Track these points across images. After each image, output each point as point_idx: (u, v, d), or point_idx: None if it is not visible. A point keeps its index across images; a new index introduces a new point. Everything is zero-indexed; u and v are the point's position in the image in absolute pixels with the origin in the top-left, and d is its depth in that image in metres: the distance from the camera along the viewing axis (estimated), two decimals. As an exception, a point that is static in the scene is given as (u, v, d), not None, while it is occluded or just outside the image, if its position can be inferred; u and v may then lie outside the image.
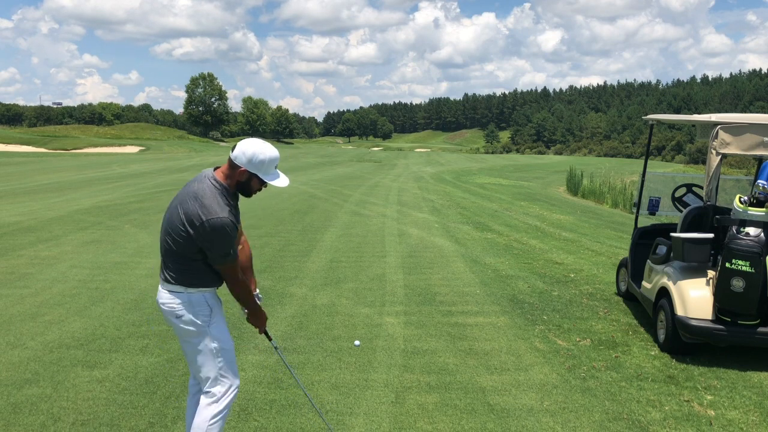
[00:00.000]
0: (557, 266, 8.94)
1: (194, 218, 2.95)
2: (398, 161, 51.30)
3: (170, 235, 3.04)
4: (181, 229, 2.99)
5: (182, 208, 3.00)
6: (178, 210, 3.01)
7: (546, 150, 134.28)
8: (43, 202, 15.91)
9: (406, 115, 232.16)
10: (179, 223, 2.99)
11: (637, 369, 5.06)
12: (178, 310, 3.10)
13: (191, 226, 2.96)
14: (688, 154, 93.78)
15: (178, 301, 3.10)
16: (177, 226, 3.00)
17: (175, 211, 3.03)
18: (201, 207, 2.95)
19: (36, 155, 53.14)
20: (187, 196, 3.03)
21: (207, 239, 2.96)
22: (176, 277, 3.08)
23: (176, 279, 3.09)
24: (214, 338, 3.16)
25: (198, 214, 2.94)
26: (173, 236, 3.03)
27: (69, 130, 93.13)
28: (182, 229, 2.98)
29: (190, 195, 3.02)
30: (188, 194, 3.03)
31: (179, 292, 3.10)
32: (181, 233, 2.99)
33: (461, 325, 6.11)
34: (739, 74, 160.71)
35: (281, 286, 7.39)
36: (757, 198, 5.05)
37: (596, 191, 24.41)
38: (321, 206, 15.89)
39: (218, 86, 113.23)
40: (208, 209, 2.94)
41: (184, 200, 3.02)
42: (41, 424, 3.92)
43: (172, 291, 3.11)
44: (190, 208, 2.97)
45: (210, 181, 3.04)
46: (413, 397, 4.43)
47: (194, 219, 2.95)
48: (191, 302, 3.12)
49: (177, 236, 3.01)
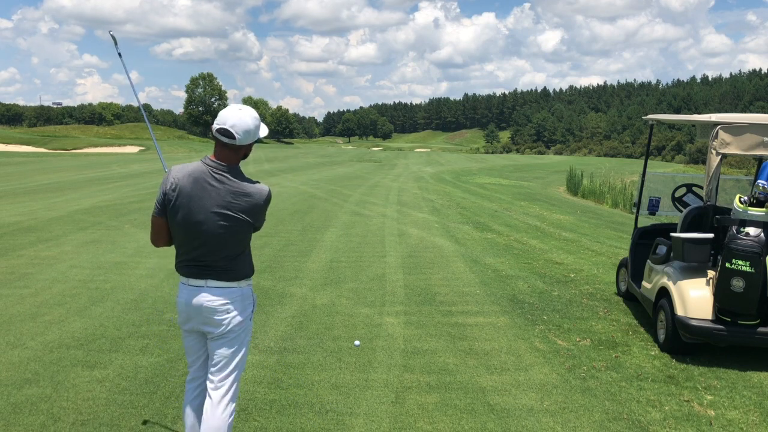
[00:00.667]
0: (557, 266, 8.94)
1: (257, 205, 3.07)
2: (398, 161, 51.29)
3: (222, 236, 3.04)
4: (243, 222, 3.05)
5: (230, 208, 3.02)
6: (223, 211, 3.01)
7: (546, 150, 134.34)
8: (43, 202, 15.91)
9: (406, 115, 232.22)
10: (234, 221, 3.03)
11: (637, 369, 5.06)
12: (228, 306, 3.10)
13: (253, 214, 3.07)
14: (688, 154, 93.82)
15: (229, 298, 3.11)
16: (231, 225, 3.03)
17: (217, 216, 3.02)
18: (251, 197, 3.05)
19: (36, 155, 53.14)
20: (219, 195, 3.02)
21: (264, 211, 3.14)
22: (231, 274, 3.10)
23: (231, 275, 3.10)
24: (250, 333, 3.26)
25: (255, 201, 3.06)
26: (227, 235, 3.04)
27: (69, 130, 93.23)
28: (244, 221, 3.05)
29: (225, 191, 3.02)
30: (221, 193, 3.02)
31: (232, 288, 3.11)
32: (243, 226, 3.06)
33: (461, 325, 6.11)
34: (739, 74, 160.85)
35: (281, 286, 7.39)
36: (757, 198, 5.05)
37: (596, 191, 24.41)
38: (321, 206, 15.89)
39: (218, 86, 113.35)
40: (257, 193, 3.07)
41: (223, 201, 3.02)
42: (41, 424, 3.92)
43: (222, 287, 3.10)
44: (242, 203, 3.03)
45: (227, 173, 3.04)
46: (413, 397, 4.43)
47: (257, 206, 3.06)
48: (243, 296, 3.16)
49: (233, 232, 3.05)
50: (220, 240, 3.06)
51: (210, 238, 3.05)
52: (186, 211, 3.04)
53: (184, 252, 3.15)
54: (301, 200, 17.17)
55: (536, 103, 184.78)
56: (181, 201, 3.04)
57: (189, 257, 3.12)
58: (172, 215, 3.08)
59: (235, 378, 3.20)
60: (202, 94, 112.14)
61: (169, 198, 3.07)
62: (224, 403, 3.16)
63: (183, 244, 3.14)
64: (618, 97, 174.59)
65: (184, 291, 3.17)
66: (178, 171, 3.10)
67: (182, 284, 3.19)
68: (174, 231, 3.14)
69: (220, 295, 3.09)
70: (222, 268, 3.09)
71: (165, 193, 3.08)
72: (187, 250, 3.12)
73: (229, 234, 3.06)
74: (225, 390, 3.17)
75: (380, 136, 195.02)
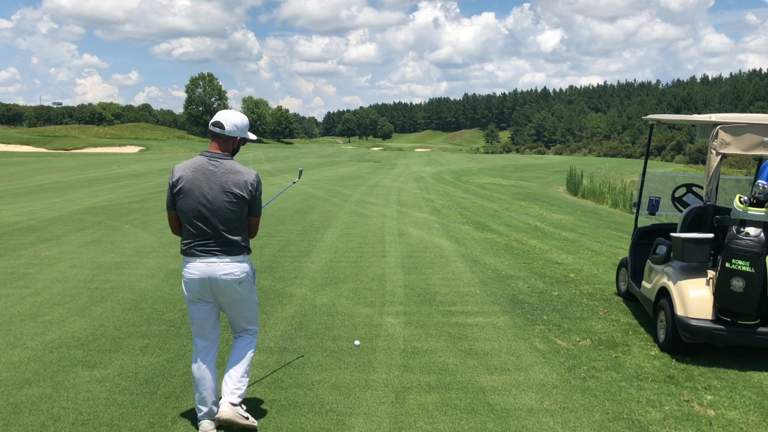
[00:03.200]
0: (557, 266, 8.94)
1: (247, 181, 3.70)
2: (398, 161, 51.31)
3: (227, 211, 3.67)
4: (239, 197, 3.68)
5: (225, 185, 3.66)
6: (223, 189, 3.66)
7: (546, 150, 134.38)
8: (43, 202, 15.91)
9: (406, 115, 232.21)
10: (232, 197, 3.67)
11: (637, 369, 5.06)
12: (242, 276, 3.76)
13: (245, 188, 3.69)
14: (688, 154, 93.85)
15: (242, 270, 3.76)
16: (231, 201, 3.67)
17: (219, 193, 3.65)
18: (242, 174, 3.70)
19: (36, 155, 53.15)
20: (216, 176, 3.67)
21: (258, 190, 3.77)
22: (238, 249, 3.75)
23: (239, 250, 3.75)
24: (256, 291, 4.01)
25: (245, 178, 3.70)
26: (231, 209, 3.68)
27: (69, 130, 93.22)
28: (239, 195, 3.68)
29: (221, 173, 3.67)
30: (217, 174, 3.67)
31: (242, 261, 3.78)
32: (239, 201, 3.69)
33: (461, 325, 6.11)
34: (739, 74, 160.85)
35: (281, 286, 7.39)
36: (757, 198, 5.05)
37: (596, 191, 24.42)
38: (321, 206, 15.89)
39: (218, 86, 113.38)
40: (246, 172, 3.73)
41: (220, 181, 3.66)
42: (41, 424, 3.92)
43: (236, 261, 3.75)
44: (235, 179, 3.68)
45: (221, 159, 3.71)
46: (413, 397, 4.43)
47: (247, 182, 3.70)
48: (250, 267, 3.86)
49: (234, 206, 3.69)
50: (222, 216, 3.67)
51: (213, 215, 3.66)
52: (191, 195, 3.66)
53: (191, 234, 3.71)
54: (301, 200, 17.17)
55: (536, 103, 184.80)
56: (185, 188, 3.66)
57: (196, 237, 3.70)
58: (180, 203, 3.68)
59: (253, 325, 4.03)
60: (202, 94, 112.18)
61: (175, 189, 3.69)
62: (247, 341, 4.00)
63: (191, 226, 3.70)
64: (618, 97, 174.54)
65: (194, 269, 3.70)
66: (180, 166, 3.76)
67: (190, 263, 3.73)
68: (182, 216, 3.72)
69: (233, 268, 3.72)
70: (231, 243, 3.71)
71: (172, 186, 3.72)
72: (195, 231, 3.69)
73: (230, 208, 3.68)
74: (249, 333, 4.02)
75: (380, 136, 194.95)
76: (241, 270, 3.75)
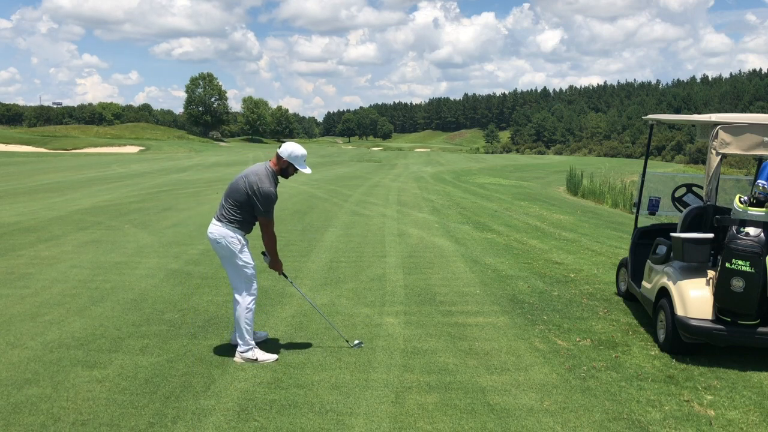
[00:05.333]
0: (557, 266, 8.94)
1: (254, 186, 4.90)
2: (398, 161, 51.32)
3: (236, 192, 4.97)
4: (246, 191, 4.93)
5: (247, 179, 4.94)
6: (245, 180, 4.94)
7: (546, 150, 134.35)
8: (43, 202, 15.92)
9: (406, 115, 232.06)
10: (245, 187, 4.92)
11: (637, 369, 5.06)
12: (219, 238, 4.99)
13: (251, 190, 4.91)
14: (688, 154, 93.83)
15: (221, 233, 4.98)
16: (243, 189, 4.93)
17: (242, 181, 4.96)
18: (258, 180, 4.91)
19: (36, 155, 53.16)
20: (250, 172, 4.99)
21: (258, 199, 4.91)
22: (227, 218, 4.99)
23: (227, 219, 4.99)
24: (241, 259, 5.02)
25: (257, 184, 4.90)
26: (237, 194, 4.96)
27: (69, 130, 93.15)
28: (246, 191, 4.92)
29: (252, 172, 4.98)
30: (251, 172, 4.99)
31: (223, 226, 4.99)
32: (245, 194, 4.93)
33: (461, 325, 6.11)
34: (739, 74, 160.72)
35: (281, 286, 7.39)
36: (757, 198, 5.05)
37: (596, 191, 24.42)
38: (321, 206, 15.90)
39: (218, 86, 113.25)
40: (262, 182, 4.92)
41: (248, 175, 4.97)
42: (41, 424, 3.92)
43: (220, 226, 5.00)
44: (252, 180, 4.92)
45: (265, 166, 5.04)
46: (413, 397, 4.43)
47: (254, 186, 4.90)
48: (229, 234, 4.98)
49: (240, 195, 4.95)
50: (230, 197, 5.02)
51: (225, 195, 5.07)
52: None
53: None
54: (301, 200, 17.18)
55: (536, 103, 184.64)
56: None
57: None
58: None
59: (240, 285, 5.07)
60: (202, 94, 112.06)
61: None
62: (237, 300, 5.06)
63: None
64: (618, 97, 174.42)
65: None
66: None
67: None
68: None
69: (216, 230, 5.02)
70: (226, 213, 5.01)
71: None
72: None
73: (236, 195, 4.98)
74: (236, 292, 5.09)
75: (380, 136, 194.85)
76: (220, 233, 4.98)
